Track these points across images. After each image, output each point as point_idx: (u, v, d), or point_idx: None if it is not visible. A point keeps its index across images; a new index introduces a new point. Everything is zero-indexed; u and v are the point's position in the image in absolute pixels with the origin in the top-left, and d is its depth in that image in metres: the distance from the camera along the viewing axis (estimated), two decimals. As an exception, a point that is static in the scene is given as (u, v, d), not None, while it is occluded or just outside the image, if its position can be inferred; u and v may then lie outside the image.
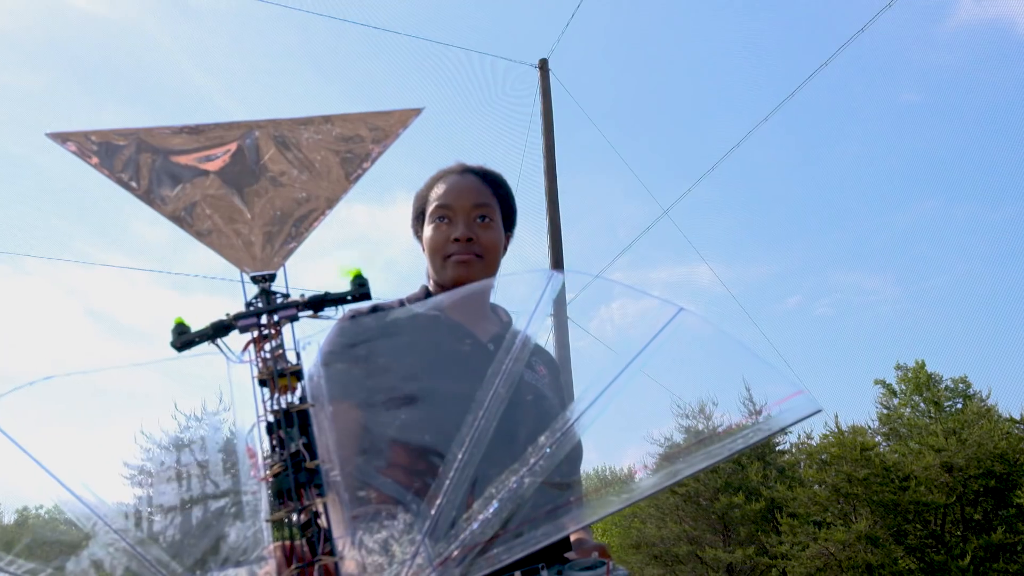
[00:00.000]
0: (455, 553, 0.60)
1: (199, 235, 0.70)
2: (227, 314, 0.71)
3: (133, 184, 0.68)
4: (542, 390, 1.11)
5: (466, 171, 1.29)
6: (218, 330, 0.71)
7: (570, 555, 1.00)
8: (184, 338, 0.72)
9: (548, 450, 0.64)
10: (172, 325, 0.73)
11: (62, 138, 0.66)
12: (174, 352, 0.72)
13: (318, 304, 0.73)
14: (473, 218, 1.24)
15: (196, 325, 0.71)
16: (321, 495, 0.62)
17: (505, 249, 1.33)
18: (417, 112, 0.73)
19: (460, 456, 0.64)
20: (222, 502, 0.63)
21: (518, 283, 0.91)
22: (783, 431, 0.68)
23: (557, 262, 9.41)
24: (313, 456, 0.64)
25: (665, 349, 0.74)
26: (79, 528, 0.63)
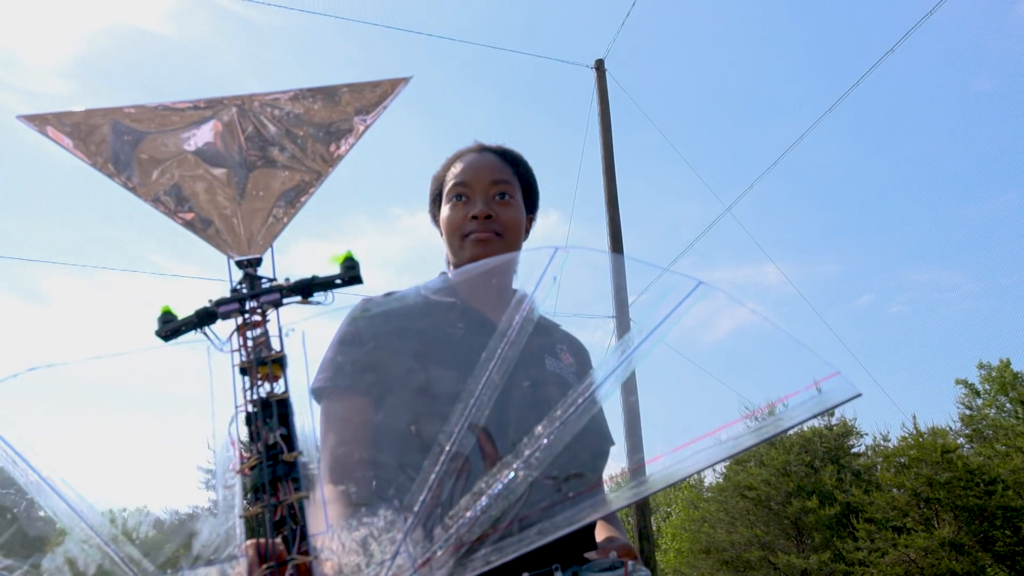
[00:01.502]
0: (439, 554, 0.54)
1: (179, 219, 0.67)
2: (210, 301, 0.68)
3: (110, 167, 0.65)
4: (565, 378, 1.05)
5: (484, 149, 1.24)
6: (202, 318, 0.68)
7: (590, 555, 0.93)
8: (169, 327, 0.69)
9: (545, 441, 0.58)
10: (159, 314, 0.70)
11: (38, 121, 0.64)
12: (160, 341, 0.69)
13: (306, 289, 0.69)
14: (492, 195, 1.18)
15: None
16: (298, 490, 0.58)
17: (527, 232, 1.27)
18: (405, 81, 0.69)
19: (447, 448, 0.59)
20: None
21: (522, 261, 0.85)
22: (815, 417, 0.60)
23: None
24: (291, 448, 0.59)
25: (684, 326, 0.68)
26: (55, 524, 0.61)
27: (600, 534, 1.07)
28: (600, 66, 10.19)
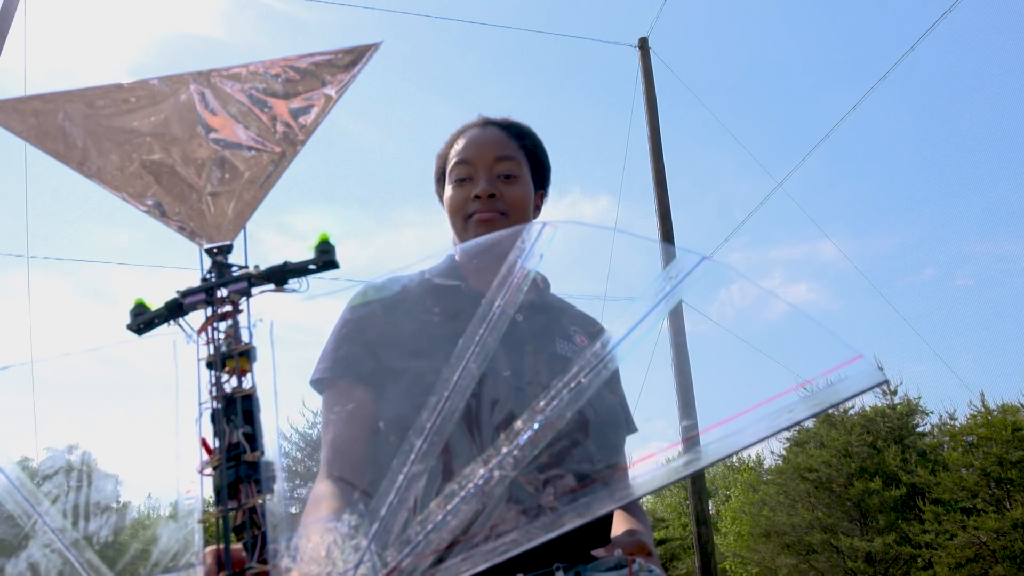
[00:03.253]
0: (405, 563, 0.49)
1: (143, 206, 0.63)
2: (178, 291, 0.64)
3: (66, 155, 0.61)
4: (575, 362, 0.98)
5: (488, 124, 1.18)
6: (172, 310, 0.64)
7: (598, 552, 0.87)
8: (140, 319, 0.65)
9: (526, 436, 0.52)
10: (131, 306, 0.67)
11: (-10, 106, 0.61)
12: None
13: (278, 276, 0.64)
14: (496, 173, 1.12)
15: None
16: (260, 492, 0.54)
17: (538, 210, 1.21)
18: (375, 47, 0.63)
19: (418, 445, 0.54)
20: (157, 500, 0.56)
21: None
22: (835, 406, 0.53)
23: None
24: (254, 448, 0.55)
25: (686, 302, 0.61)
26: (19, 526, 0.58)
27: (618, 527, 1.00)
28: (644, 45, 9.98)
